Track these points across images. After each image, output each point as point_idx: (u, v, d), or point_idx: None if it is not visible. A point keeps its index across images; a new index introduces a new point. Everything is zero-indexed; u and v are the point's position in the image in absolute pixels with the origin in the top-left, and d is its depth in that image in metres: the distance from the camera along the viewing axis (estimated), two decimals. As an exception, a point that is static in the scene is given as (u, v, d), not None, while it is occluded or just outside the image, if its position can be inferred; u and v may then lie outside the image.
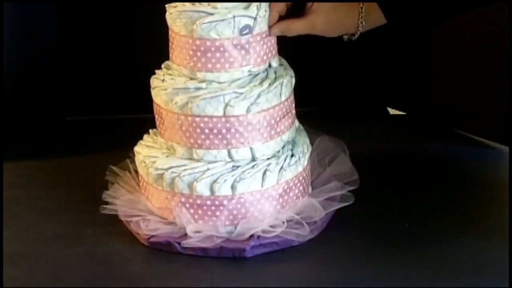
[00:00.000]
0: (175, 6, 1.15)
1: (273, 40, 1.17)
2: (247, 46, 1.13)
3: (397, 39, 1.51)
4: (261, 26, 1.14)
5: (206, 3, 1.13)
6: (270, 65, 1.18)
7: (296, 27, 1.15)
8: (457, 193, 1.29)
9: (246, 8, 1.13)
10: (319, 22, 1.15)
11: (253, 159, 1.16)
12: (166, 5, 1.17)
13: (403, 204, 1.26)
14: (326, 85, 1.58)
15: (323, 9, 1.14)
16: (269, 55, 1.17)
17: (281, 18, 1.16)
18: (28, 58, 1.48)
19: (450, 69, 1.46)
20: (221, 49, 1.12)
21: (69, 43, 1.55)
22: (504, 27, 1.32)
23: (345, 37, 1.18)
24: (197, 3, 1.13)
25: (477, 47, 1.40)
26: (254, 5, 1.13)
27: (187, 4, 1.14)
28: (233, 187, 1.13)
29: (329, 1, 1.15)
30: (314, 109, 1.55)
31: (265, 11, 1.14)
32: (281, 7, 1.15)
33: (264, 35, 1.15)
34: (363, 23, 1.15)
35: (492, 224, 1.20)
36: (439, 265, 1.11)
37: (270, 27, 1.15)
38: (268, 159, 1.16)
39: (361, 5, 1.14)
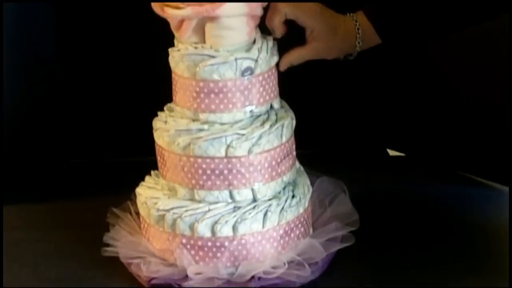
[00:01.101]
0: (178, 50, 1.17)
1: (275, 81, 1.19)
2: (249, 86, 1.15)
3: (397, 81, 1.53)
4: (262, 67, 1.16)
5: (208, 46, 1.14)
6: (272, 107, 1.19)
7: (300, 55, 1.20)
8: (457, 234, 1.29)
9: (248, 50, 1.15)
10: (321, 47, 1.19)
11: (254, 200, 1.16)
12: (169, 49, 1.18)
13: (404, 245, 1.26)
14: (325, 127, 1.59)
15: (323, 35, 1.18)
16: (271, 95, 1.18)
17: (283, 44, 1.20)
18: (30, 101, 1.48)
19: (449, 110, 1.47)
20: (224, 90, 1.13)
21: (70, 86, 1.55)
22: (505, 69, 1.33)
23: (342, 56, 1.22)
24: (199, 46, 1.15)
25: (476, 88, 1.41)
26: (255, 47, 1.15)
27: (189, 47, 1.15)
28: (234, 228, 1.13)
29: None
30: (313, 151, 1.55)
31: (266, 53, 1.16)
32: (281, 15, 1.18)
33: (266, 76, 1.16)
34: (360, 43, 1.19)
35: (493, 265, 1.20)
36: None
37: (277, 64, 1.18)
38: (269, 200, 1.17)
39: (358, 26, 1.19)
